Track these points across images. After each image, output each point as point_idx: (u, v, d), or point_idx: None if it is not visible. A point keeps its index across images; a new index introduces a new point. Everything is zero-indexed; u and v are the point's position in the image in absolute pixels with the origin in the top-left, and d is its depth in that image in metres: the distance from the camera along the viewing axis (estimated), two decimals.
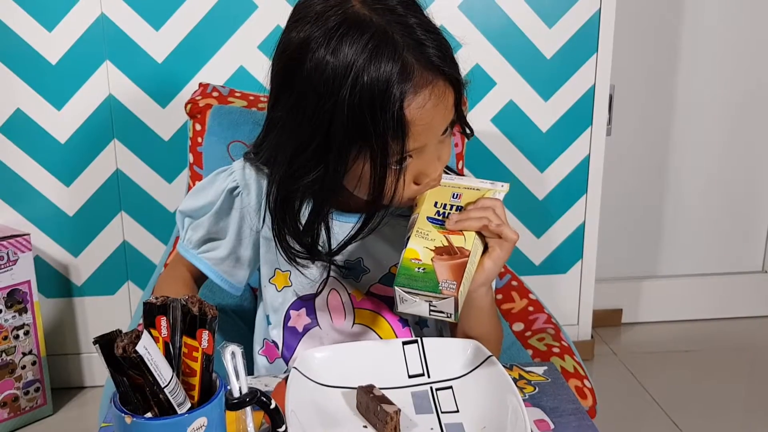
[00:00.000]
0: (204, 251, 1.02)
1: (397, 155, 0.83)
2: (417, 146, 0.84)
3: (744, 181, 2.30)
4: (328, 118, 0.82)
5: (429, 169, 0.87)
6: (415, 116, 0.82)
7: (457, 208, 0.86)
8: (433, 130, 0.85)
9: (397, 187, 0.87)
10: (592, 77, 1.90)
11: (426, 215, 0.85)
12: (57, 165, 1.83)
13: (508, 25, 1.84)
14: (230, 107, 1.38)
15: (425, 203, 0.87)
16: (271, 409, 0.68)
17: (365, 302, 0.99)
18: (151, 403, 0.61)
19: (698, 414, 1.88)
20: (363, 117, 0.81)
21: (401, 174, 0.86)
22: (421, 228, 0.84)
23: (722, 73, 2.19)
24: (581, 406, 0.84)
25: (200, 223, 1.01)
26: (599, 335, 2.27)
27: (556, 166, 1.97)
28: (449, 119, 0.87)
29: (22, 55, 1.74)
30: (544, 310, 1.33)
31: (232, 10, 1.75)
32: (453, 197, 0.87)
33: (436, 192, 0.88)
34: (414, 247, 0.82)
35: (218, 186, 1.00)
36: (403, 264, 0.81)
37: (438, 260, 0.81)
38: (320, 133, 0.83)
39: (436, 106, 0.83)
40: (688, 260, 2.35)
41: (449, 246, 0.82)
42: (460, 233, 0.84)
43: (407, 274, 0.80)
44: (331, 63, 0.81)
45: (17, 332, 1.78)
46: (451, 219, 0.85)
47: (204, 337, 0.62)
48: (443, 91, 0.84)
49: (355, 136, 0.82)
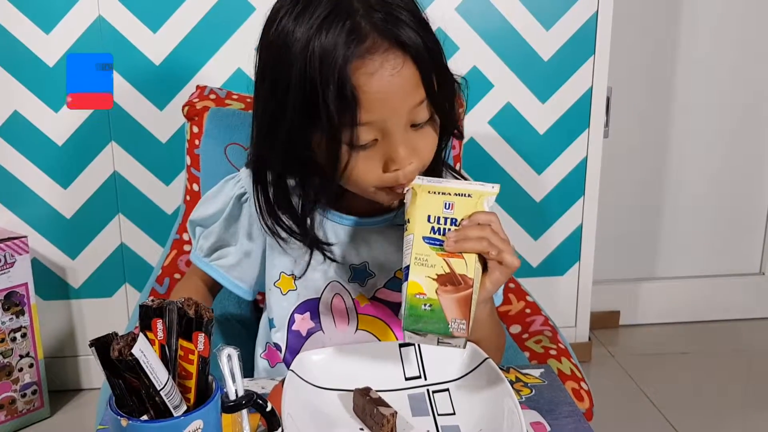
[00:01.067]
0: (215, 258, 1.02)
1: (350, 129, 0.81)
2: (371, 120, 0.81)
3: (741, 183, 2.30)
4: (286, 86, 0.82)
5: (396, 156, 0.84)
6: (363, 83, 0.79)
7: (452, 221, 0.81)
8: (389, 104, 0.81)
9: (361, 170, 0.85)
10: (590, 79, 1.90)
11: (421, 235, 0.80)
12: (54, 167, 1.83)
13: (505, 27, 1.84)
14: (228, 110, 1.38)
15: (418, 217, 0.81)
16: (268, 412, 0.68)
17: (369, 308, 0.99)
18: (147, 405, 0.61)
19: (695, 416, 1.88)
20: (313, 84, 0.80)
21: (364, 156, 0.84)
22: (419, 253, 0.80)
23: (719, 75, 2.19)
24: (578, 409, 0.84)
25: (211, 231, 1.02)
26: (597, 337, 2.27)
27: (553, 168, 1.97)
28: (414, 99, 0.83)
29: (20, 57, 1.74)
30: (542, 313, 1.33)
31: (230, 13, 1.75)
32: (445, 207, 0.82)
33: (427, 202, 0.82)
34: (416, 279, 0.78)
35: (226, 193, 1.00)
36: (409, 302, 0.77)
37: (443, 293, 0.78)
38: (283, 104, 0.83)
39: (391, 77, 0.80)
40: (685, 262, 2.35)
41: (452, 273, 0.79)
42: (460, 256, 0.80)
43: (415, 314, 0.77)
44: (291, 30, 0.82)
45: (14, 335, 1.78)
46: (449, 239, 0.80)
47: (200, 340, 0.63)
48: (400, 61, 0.80)
49: (308, 104, 0.81)
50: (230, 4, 1.75)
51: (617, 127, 2.13)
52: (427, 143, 0.88)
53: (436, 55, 0.85)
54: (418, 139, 0.86)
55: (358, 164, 0.85)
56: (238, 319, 1.22)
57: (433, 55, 0.84)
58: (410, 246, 0.80)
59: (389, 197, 0.90)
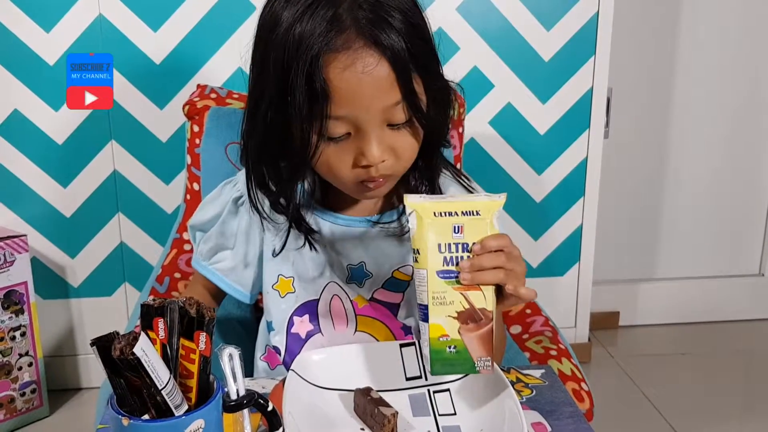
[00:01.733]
0: (214, 262, 1.03)
1: (319, 120, 0.81)
2: (342, 114, 0.82)
3: (741, 184, 2.30)
4: (268, 68, 0.84)
5: (367, 152, 0.84)
6: (333, 77, 0.80)
7: (464, 246, 0.78)
8: (359, 102, 0.81)
9: (332, 162, 0.86)
10: (590, 80, 1.90)
11: (435, 270, 0.77)
12: (54, 166, 1.83)
13: (506, 27, 1.84)
14: (228, 109, 1.38)
15: (428, 249, 0.77)
16: (269, 412, 0.68)
17: (367, 309, 0.98)
18: (148, 405, 0.61)
19: (695, 417, 1.88)
20: (288, 70, 0.81)
21: (336, 148, 0.85)
22: (436, 291, 0.77)
23: (720, 76, 2.19)
24: (578, 409, 0.84)
25: (209, 235, 1.02)
26: (596, 338, 2.27)
27: (553, 168, 1.97)
28: (389, 99, 0.82)
29: (20, 55, 1.74)
30: (542, 313, 1.33)
31: (231, 12, 1.75)
32: (455, 232, 0.78)
33: (434, 228, 0.78)
34: (437, 321, 0.77)
35: (224, 197, 1.01)
36: (433, 347, 0.77)
37: (466, 333, 0.77)
38: (264, 85, 0.85)
39: (362, 74, 0.80)
40: (685, 263, 2.36)
41: (471, 309, 0.77)
42: (477, 288, 0.78)
43: (440, 359, 0.77)
44: (279, 13, 0.83)
45: (14, 333, 1.78)
46: (463, 270, 0.77)
47: (201, 339, 0.63)
48: (374, 61, 0.80)
49: (283, 90, 0.82)
50: (231, 3, 1.74)
51: (617, 128, 2.13)
52: (405, 144, 0.87)
53: (420, 60, 0.84)
54: (396, 139, 0.86)
55: (329, 155, 0.86)
56: (239, 320, 1.22)
57: (417, 61, 0.83)
58: (425, 282, 0.77)
59: (362, 192, 0.90)
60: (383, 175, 0.87)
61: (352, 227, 0.98)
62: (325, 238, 0.98)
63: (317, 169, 0.89)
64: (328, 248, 0.98)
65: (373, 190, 0.90)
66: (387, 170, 0.87)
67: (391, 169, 0.87)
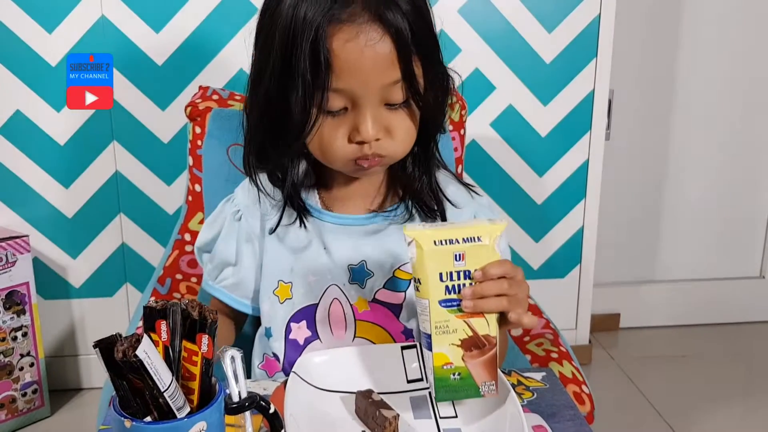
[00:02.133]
0: (221, 280, 1.03)
1: (321, 92, 0.83)
2: (341, 87, 0.83)
3: (742, 186, 2.30)
4: (273, 39, 0.85)
5: (362, 128, 0.85)
6: (336, 48, 0.82)
7: (466, 274, 0.77)
8: (360, 75, 0.83)
9: (328, 136, 0.87)
10: (592, 82, 1.91)
11: (437, 299, 0.76)
12: (56, 167, 1.83)
13: (507, 29, 1.84)
14: (230, 110, 1.38)
15: (430, 279, 0.76)
16: (270, 414, 0.68)
17: (368, 314, 0.98)
18: (150, 407, 0.61)
19: (695, 419, 1.88)
20: (294, 39, 0.82)
21: (333, 122, 0.86)
22: (439, 321, 0.77)
23: (721, 78, 2.19)
24: (579, 412, 0.84)
25: (213, 254, 1.03)
26: (597, 340, 2.27)
27: (555, 170, 1.97)
28: (388, 77, 0.84)
29: (22, 56, 1.74)
30: (543, 315, 1.33)
31: (233, 13, 1.75)
32: (456, 260, 0.76)
33: (436, 256, 0.76)
34: (440, 350, 0.77)
35: (224, 215, 1.02)
36: (437, 375, 0.77)
37: (470, 359, 0.77)
38: (268, 57, 0.87)
39: (364, 47, 0.82)
40: (686, 265, 2.36)
41: (474, 336, 0.77)
42: (480, 315, 0.77)
43: (445, 386, 0.78)
44: None
45: (15, 334, 1.78)
46: (465, 298, 0.77)
47: (204, 342, 0.63)
48: (377, 36, 0.82)
49: (288, 59, 0.83)
50: (233, 5, 1.75)
51: (619, 130, 2.13)
52: (401, 125, 0.89)
53: (421, 44, 0.86)
54: (392, 119, 0.88)
55: (325, 129, 0.87)
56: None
57: (419, 43, 0.85)
58: (427, 312, 0.77)
59: (355, 170, 0.91)
60: (377, 154, 0.88)
61: (351, 226, 0.98)
62: (324, 238, 0.98)
63: (311, 148, 0.91)
64: (328, 249, 0.98)
65: (366, 169, 0.91)
66: (381, 150, 0.88)
67: (385, 150, 0.89)
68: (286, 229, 0.99)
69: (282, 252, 0.99)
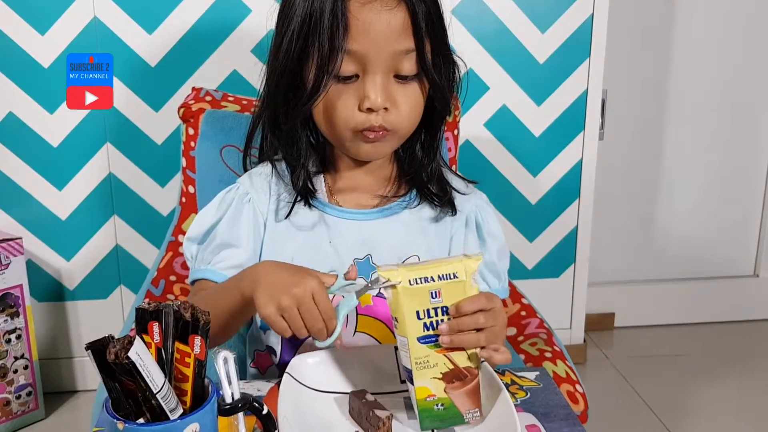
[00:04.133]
0: (217, 262, 0.98)
1: (336, 56, 0.87)
2: (355, 49, 0.87)
3: (736, 185, 2.31)
4: (293, 9, 0.90)
5: (371, 92, 0.89)
6: (354, 9, 0.87)
7: (443, 310, 0.77)
8: (373, 38, 0.87)
9: (339, 104, 0.90)
10: (585, 82, 1.91)
11: (415, 336, 0.77)
12: (49, 169, 1.83)
13: (501, 30, 1.84)
14: (223, 111, 1.38)
15: (407, 318, 0.76)
16: (264, 415, 0.68)
17: (370, 309, 0.98)
18: (143, 408, 0.61)
19: (689, 418, 1.89)
20: (314, 5, 0.87)
21: (344, 89, 0.90)
22: (418, 357, 0.77)
23: (714, 78, 2.20)
24: (573, 412, 0.84)
25: (212, 238, 0.99)
26: (591, 339, 2.28)
27: (549, 170, 1.97)
28: (400, 44, 0.88)
29: (15, 58, 1.74)
30: (537, 315, 1.33)
31: (226, 14, 1.75)
32: (432, 297, 0.76)
33: (412, 295, 0.76)
34: (422, 384, 0.77)
35: (228, 199, 1.00)
36: (420, 407, 0.78)
37: (452, 390, 0.78)
38: (287, 27, 0.91)
39: (380, 11, 0.87)
40: (680, 264, 2.36)
41: (456, 369, 0.78)
42: (460, 348, 0.78)
43: (429, 415, 0.78)
44: None
45: (9, 336, 1.78)
46: (442, 334, 0.77)
47: (196, 343, 0.63)
48: (393, 4, 0.87)
49: (308, 25, 0.88)
50: (226, 6, 1.75)
51: (612, 130, 2.14)
52: (409, 99, 0.92)
53: (433, 24, 0.91)
54: (399, 91, 0.91)
55: (334, 95, 0.90)
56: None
57: (430, 20, 0.90)
58: (407, 349, 0.77)
59: (360, 143, 0.93)
60: (383, 127, 0.91)
61: (357, 220, 0.99)
62: (330, 232, 0.98)
63: (318, 118, 0.94)
64: (334, 242, 0.98)
65: (372, 142, 0.93)
66: (387, 123, 0.91)
67: (391, 123, 0.91)
68: (295, 209, 0.99)
69: (285, 237, 0.98)
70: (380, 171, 1.02)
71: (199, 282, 1.00)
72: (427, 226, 1.02)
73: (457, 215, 1.02)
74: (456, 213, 1.02)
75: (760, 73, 2.21)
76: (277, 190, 1.00)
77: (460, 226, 1.03)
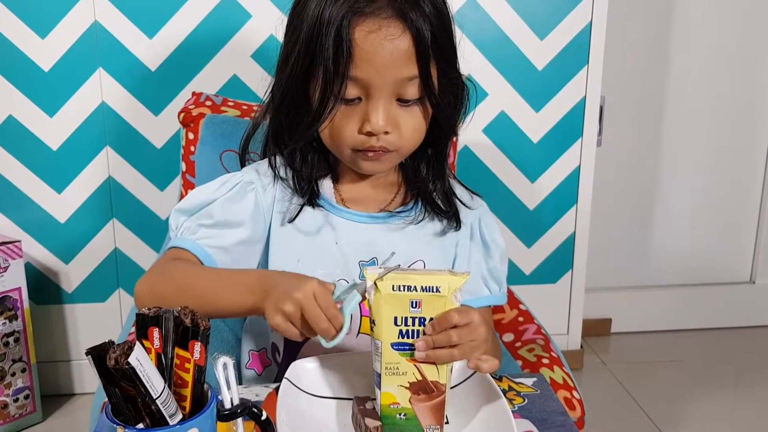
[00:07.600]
0: (202, 237, 0.95)
1: (340, 80, 0.88)
2: (358, 76, 0.88)
3: (733, 191, 2.32)
4: (300, 28, 0.90)
5: (372, 117, 0.90)
6: (358, 38, 0.87)
7: (421, 321, 0.77)
8: (376, 66, 0.87)
9: (340, 124, 0.91)
10: (583, 89, 1.92)
11: (390, 341, 0.77)
12: (49, 172, 1.83)
13: (500, 36, 1.85)
14: (223, 116, 1.39)
15: (384, 321, 0.77)
16: (262, 421, 0.68)
17: None
18: (142, 414, 0.61)
19: (686, 424, 1.89)
20: (320, 26, 0.87)
21: (346, 111, 0.91)
22: (389, 362, 0.78)
23: (712, 85, 2.21)
24: (569, 418, 0.85)
25: (204, 214, 0.97)
26: (588, 345, 2.28)
27: (546, 176, 1.98)
28: (404, 72, 0.89)
29: (15, 61, 1.74)
30: (534, 321, 1.33)
31: (226, 19, 1.76)
32: (412, 306, 0.77)
33: (392, 300, 0.76)
34: (389, 390, 0.78)
35: (230, 182, 0.99)
36: (383, 413, 0.79)
37: (416, 402, 0.79)
38: (293, 45, 0.91)
39: (384, 40, 0.87)
40: (677, 270, 2.37)
41: (423, 381, 0.78)
42: (432, 362, 0.78)
43: (390, 423, 0.79)
44: None
45: (7, 339, 1.78)
46: (418, 347, 0.77)
47: (196, 349, 0.63)
48: (398, 32, 0.87)
49: (312, 45, 0.88)
50: (226, 11, 1.75)
51: (610, 137, 2.15)
52: (411, 122, 0.93)
53: (440, 47, 0.91)
54: (402, 115, 0.92)
55: (338, 117, 0.91)
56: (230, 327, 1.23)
57: (437, 46, 0.90)
58: (379, 353, 0.78)
59: (359, 161, 0.94)
60: (384, 148, 0.92)
61: (365, 223, 1.00)
62: (336, 233, 0.99)
63: (322, 135, 0.94)
64: (340, 244, 0.98)
65: (371, 160, 0.94)
66: (388, 144, 0.92)
67: (392, 145, 0.92)
68: (300, 212, 0.99)
69: (291, 239, 0.98)
70: (385, 180, 1.02)
71: (177, 250, 0.96)
72: (432, 240, 1.02)
73: (461, 228, 1.03)
74: (460, 227, 1.02)
75: (758, 80, 2.22)
76: (282, 193, 1.00)
77: (465, 239, 1.04)
